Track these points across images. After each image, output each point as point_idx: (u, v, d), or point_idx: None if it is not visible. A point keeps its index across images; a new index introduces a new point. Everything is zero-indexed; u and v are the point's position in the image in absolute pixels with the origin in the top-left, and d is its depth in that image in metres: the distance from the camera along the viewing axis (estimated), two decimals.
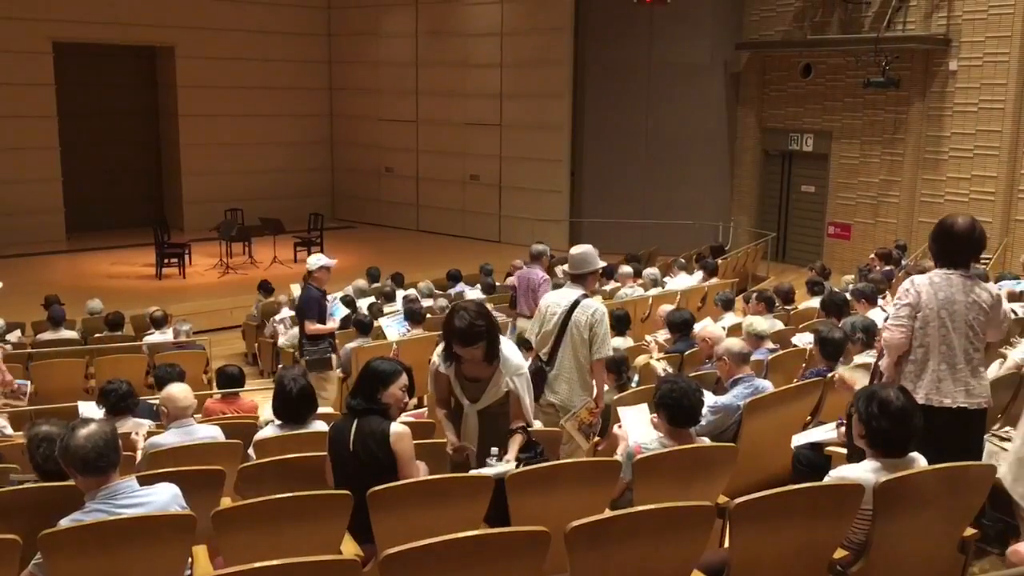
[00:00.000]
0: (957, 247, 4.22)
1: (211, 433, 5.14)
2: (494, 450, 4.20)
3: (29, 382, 8.18)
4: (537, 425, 4.94)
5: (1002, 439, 4.83)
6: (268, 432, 5.01)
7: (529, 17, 20.29)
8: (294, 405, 4.96)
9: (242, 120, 22.42)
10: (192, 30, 21.29)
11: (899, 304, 4.24)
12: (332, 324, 8.64)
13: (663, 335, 8.19)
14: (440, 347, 4.50)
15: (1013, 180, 15.20)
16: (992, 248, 14.82)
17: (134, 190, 22.63)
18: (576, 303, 5.57)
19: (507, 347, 4.42)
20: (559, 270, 10.71)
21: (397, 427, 4.00)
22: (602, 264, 6.10)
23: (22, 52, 19.10)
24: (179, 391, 5.19)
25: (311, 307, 8.49)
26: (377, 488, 3.62)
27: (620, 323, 7.85)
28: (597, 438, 5.53)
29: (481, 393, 4.40)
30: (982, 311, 4.17)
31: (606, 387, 6.20)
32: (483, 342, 4.20)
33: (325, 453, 4.19)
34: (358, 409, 4.04)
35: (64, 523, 3.36)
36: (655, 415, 4.40)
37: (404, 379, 4.11)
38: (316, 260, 8.67)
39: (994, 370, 5.94)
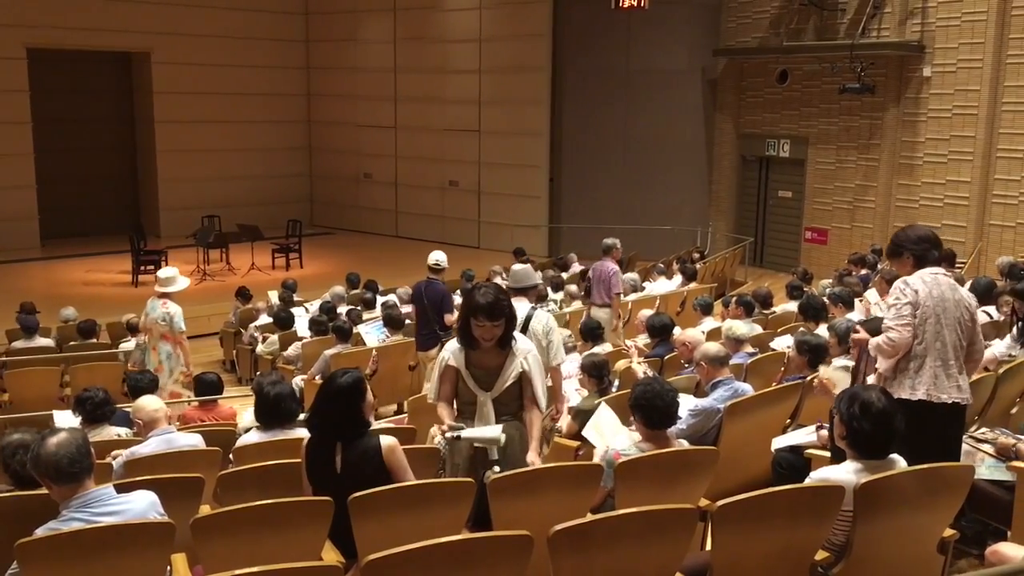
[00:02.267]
0: (934, 247, 4.45)
1: (192, 441, 5.10)
2: (495, 469, 4.11)
3: None
4: None
5: (979, 440, 4.87)
6: (250, 438, 4.98)
7: (507, 23, 20.32)
8: (275, 410, 4.94)
9: (219, 126, 22.29)
10: (168, 36, 21.15)
11: (900, 304, 4.33)
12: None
13: (643, 339, 8.22)
14: (450, 344, 4.52)
15: (987, 185, 15.37)
16: (966, 252, 14.99)
17: (110, 197, 22.43)
18: (529, 316, 5.64)
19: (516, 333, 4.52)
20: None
21: (386, 440, 3.93)
22: (539, 281, 6.35)
23: None
24: (147, 400, 5.26)
25: (448, 301, 8.85)
26: (358, 495, 3.60)
27: (591, 333, 7.76)
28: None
29: (495, 381, 4.40)
30: (967, 310, 4.39)
31: (586, 392, 6.25)
32: (504, 319, 4.29)
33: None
34: (344, 434, 3.91)
35: (40, 532, 3.32)
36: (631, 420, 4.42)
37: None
38: (442, 256, 8.94)
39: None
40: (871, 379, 4.60)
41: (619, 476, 3.92)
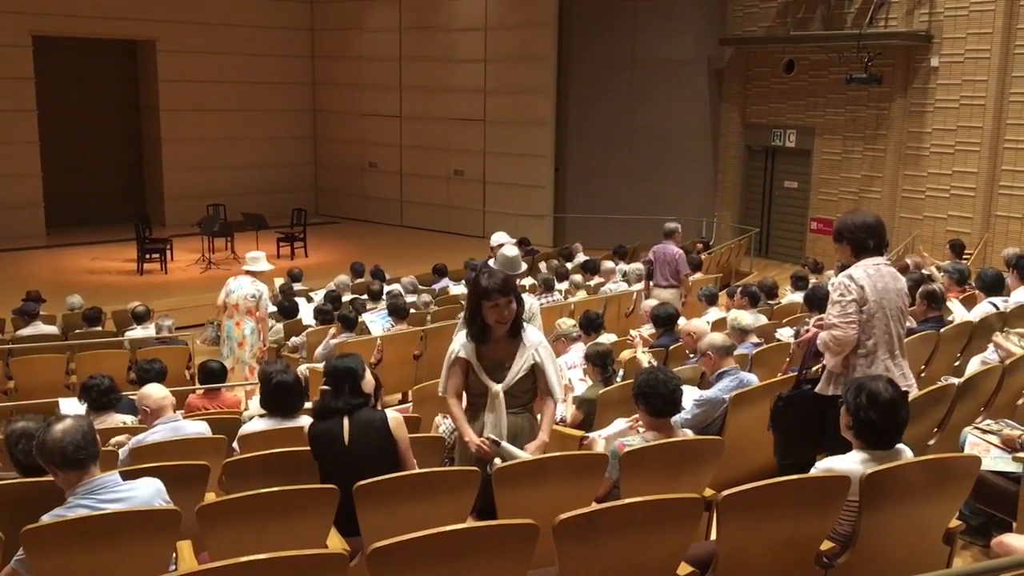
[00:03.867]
0: (875, 236, 4.40)
1: (198, 429, 5.11)
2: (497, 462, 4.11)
3: None
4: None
5: (984, 431, 4.86)
6: (255, 425, 4.98)
7: (513, 12, 20.26)
8: (279, 398, 4.95)
9: (224, 115, 22.28)
10: (173, 24, 21.13)
11: (845, 300, 4.29)
12: None
13: (647, 330, 8.20)
14: (459, 336, 4.49)
15: (993, 176, 15.31)
16: (973, 244, 14.93)
17: (115, 185, 22.45)
18: None
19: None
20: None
21: (393, 413, 4.12)
22: (523, 268, 6.58)
23: (1, 46, 18.90)
24: (153, 388, 5.26)
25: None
26: (363, 482, 3.60)
27: (591, 324, 7.73)
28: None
29: (506, 372, 4.35)
30: (905, 296, 4.44)
31: (590, 381, 6.25)
32: (514, 295, 4.29)
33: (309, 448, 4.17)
34: (350, 406, 4.10)
35: (46, 519, 3.32)
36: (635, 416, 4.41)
37: (367, 368, 4.30)
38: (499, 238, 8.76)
39: (975, 366, 5.99)
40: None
41: (624, 466, 3.91)
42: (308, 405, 5.35)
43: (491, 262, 9.09)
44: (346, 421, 4.07)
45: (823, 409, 4.35)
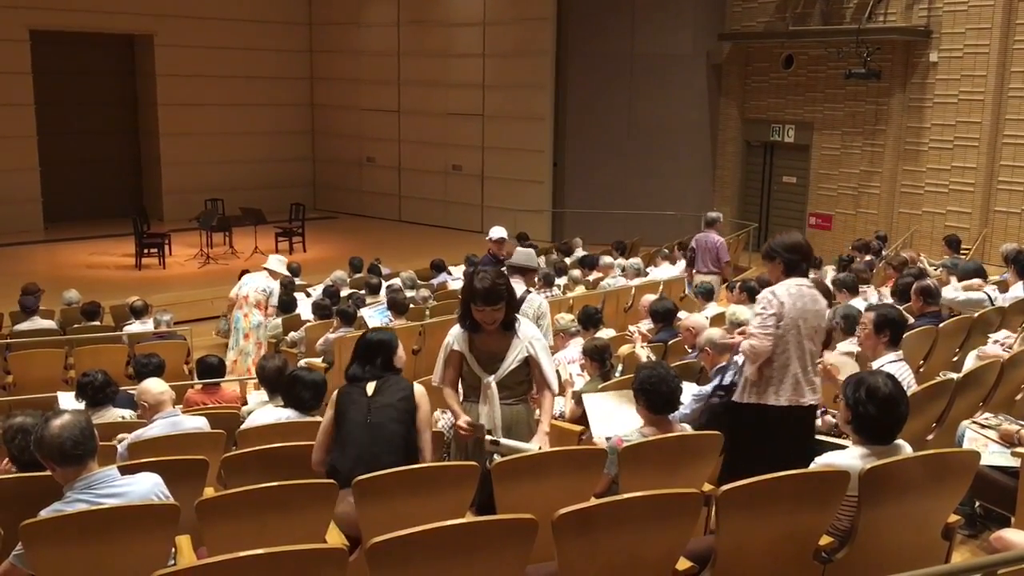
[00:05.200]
0: (805, 258, 4.71)
1: (198, 424, 5.11)
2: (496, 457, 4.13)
3: None
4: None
5: (983, 426, 4.86)
6: (258, 418, 5.05)
7: (512, 7, 20.22)
8: (279, 384, 5.09)
9: (222, 109, 22.23)
10: (171, 18, 21.07)
11: (765, 314, 4.53)
12: None
13: (646, 325, 8.20)
14: (455, 327, 4.54)
15: (992, 171, 15.31)
16: (971, 239, 14.95)
17: (113, 179, 22.38)
18: (522, 298, 5.84)
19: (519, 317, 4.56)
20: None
21: (418, 386, 4.19)
22: (538, 265, 7.11)
23: None
24: (152, 383, 5.25)
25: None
26: (363, 477, 3.60)
27: (589, 320, 7.72)
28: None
29: (499, 364, 4.41)
30: (823, 317, 4.74)
31: (588, 376, 6.25)
32: (503, 303, 4.33)
33: (310, 442, 4.17)
34: (378, 374, 4.17)
35: (45, 513, 3.32)
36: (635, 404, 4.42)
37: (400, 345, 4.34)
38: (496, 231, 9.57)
39: (971, 362, 5.99)
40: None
41: (623, 461, 3.91)
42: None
43: (498, 258, 9.19)
44: (371, 389, 4.14)
45: (738, 417, 4.60)
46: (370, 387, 4.13)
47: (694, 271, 11.33)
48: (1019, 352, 5.74)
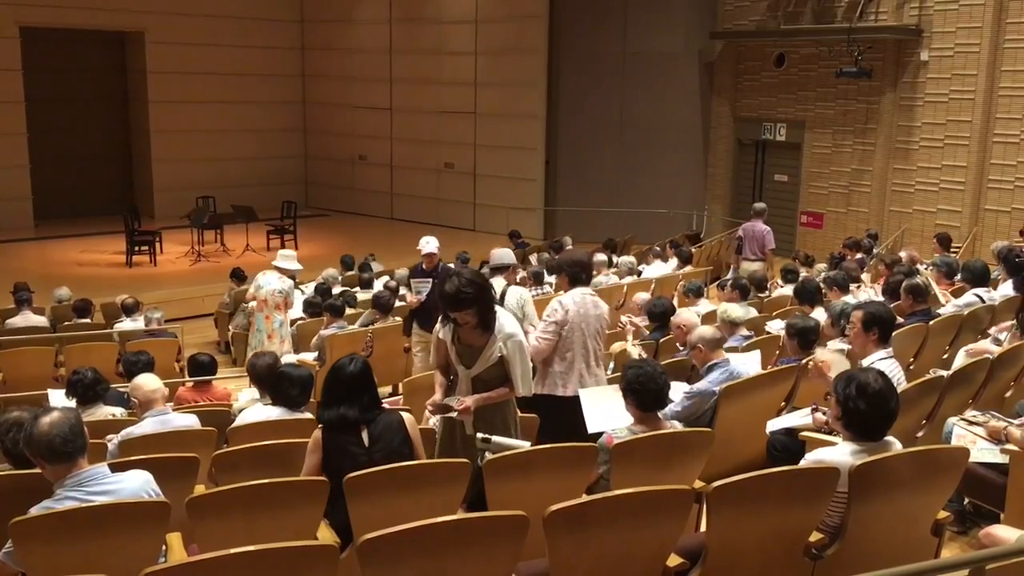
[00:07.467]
0: (587, 271, 5.60)
1: (188, 422, 5.09)
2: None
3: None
4: None
5: (971, 423, 4.88)
6: (251, 414, 5.03)
7: (504, 5, 20.20)
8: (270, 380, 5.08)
9: (214, 107, 22.17)
10: (162, 15, 21.01)
11: (548, 320, 5.37)
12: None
13: (639, 321, 8.18)
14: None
15: (983, 170, 15.37)
16: (962, 237, 15.00)
17: (104, 177, 22.32)
18: (504, 292, 6.34)
19: (503, 315, 4.55)
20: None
21: (405, 414, 4.14)
22: (514, 261, 7.67)
23: None
24: (146, 380, 5.21)
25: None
26: (353, 475, 3.60)
27: None
28: None
29: (475, 360, 4.47)
30: (604, 320, 5.50)
31: None
32: (471, 309, 4.32)
33: (302, 439, 4.16)
34: (370, 417, 3.96)
35: (35, 511, 3.31)
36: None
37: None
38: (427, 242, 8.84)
39: (961, 359, 6.02)
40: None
41: (614, 458, 3.92)
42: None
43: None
44: (364, 430, 3.94)
45: (536, 406, 5.13)
46: (365, 435, 3.92)
47: (741, 258, 12.06)
48: (1008, 349, 5.77)
